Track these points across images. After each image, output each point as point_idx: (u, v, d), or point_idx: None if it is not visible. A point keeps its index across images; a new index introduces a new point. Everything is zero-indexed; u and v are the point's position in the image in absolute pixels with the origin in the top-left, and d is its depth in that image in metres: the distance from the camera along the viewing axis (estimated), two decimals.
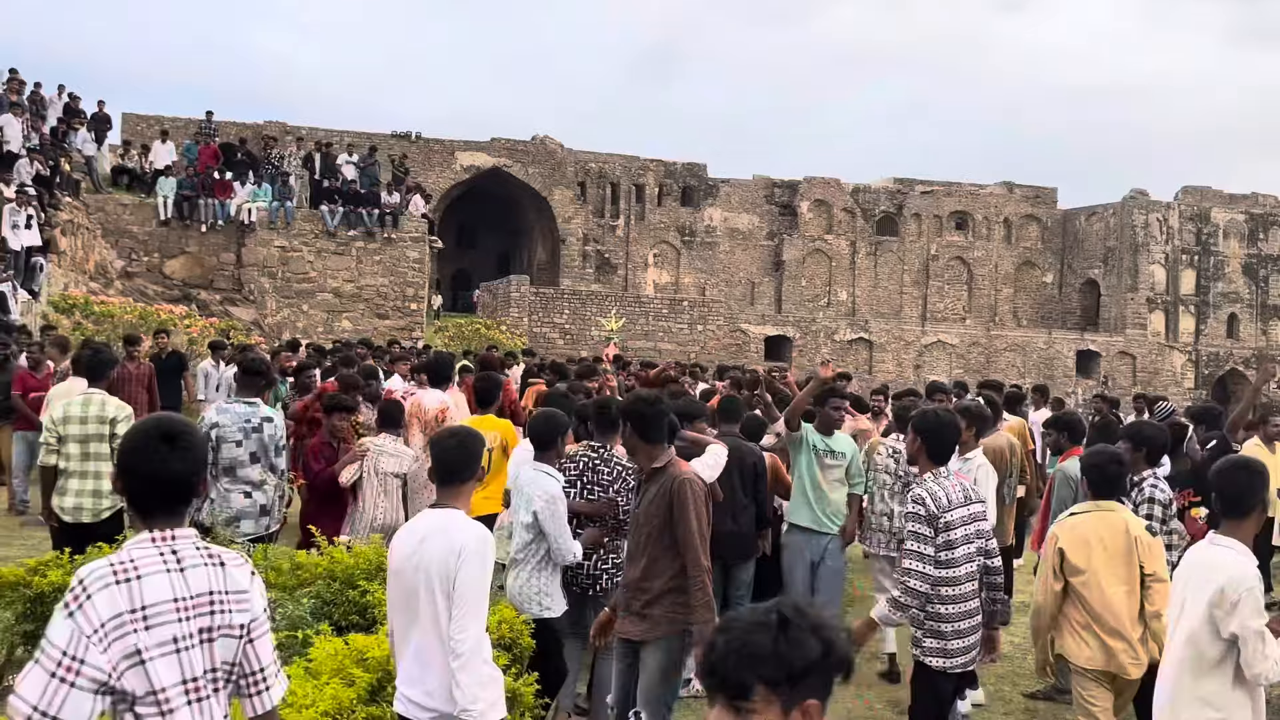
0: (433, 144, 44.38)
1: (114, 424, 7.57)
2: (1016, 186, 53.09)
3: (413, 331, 27.21)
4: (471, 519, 3.98)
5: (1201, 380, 47.82)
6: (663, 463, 4.98)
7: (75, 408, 7.48)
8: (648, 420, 4.99)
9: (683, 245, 48.90)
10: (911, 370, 43.37)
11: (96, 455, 7.51)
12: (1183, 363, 48.17)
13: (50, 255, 19.51)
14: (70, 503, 7.53)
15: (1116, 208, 50.03)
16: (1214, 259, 49.53)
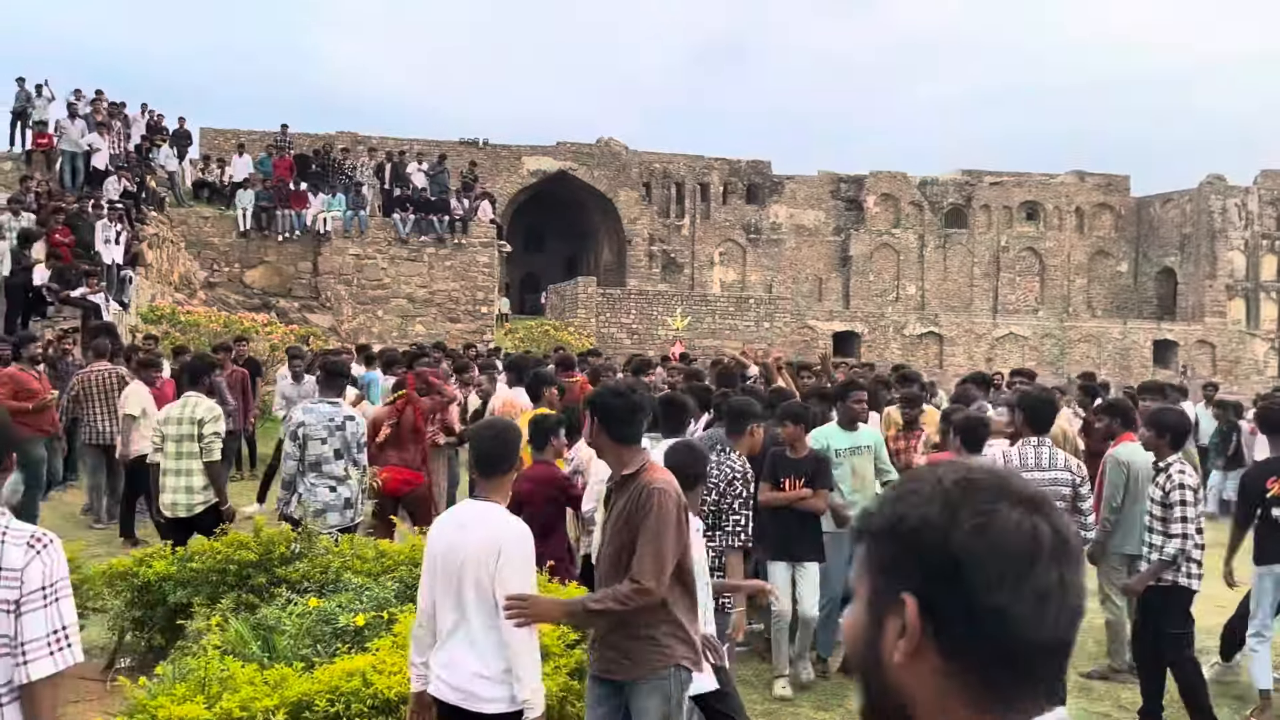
0: (500, 150, 45.07)
1: (202, 425, 8.14)
2: (1088, 175, 52.32)
3: (484, 334, 27.82)
4: (509, 513, 4.09)
5: None
6: (634, 468, 4.14)
7: (174, 410, 8.09)
8: (618, 415, 4.18)
9: (748, 243, 49.02)
10: (984, 363, 42.99)
11: (188, 454, 8.12)
12: (1265, 351, 47.06)
13: (138, 268, 20.39)
14: (167, 499, 8.15)
15: (1193, 194, 49.07)
16: None
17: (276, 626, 5.72)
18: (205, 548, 7.02)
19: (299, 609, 5.87)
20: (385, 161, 31.42)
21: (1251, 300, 47.87)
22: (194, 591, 6.78)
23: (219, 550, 6.92)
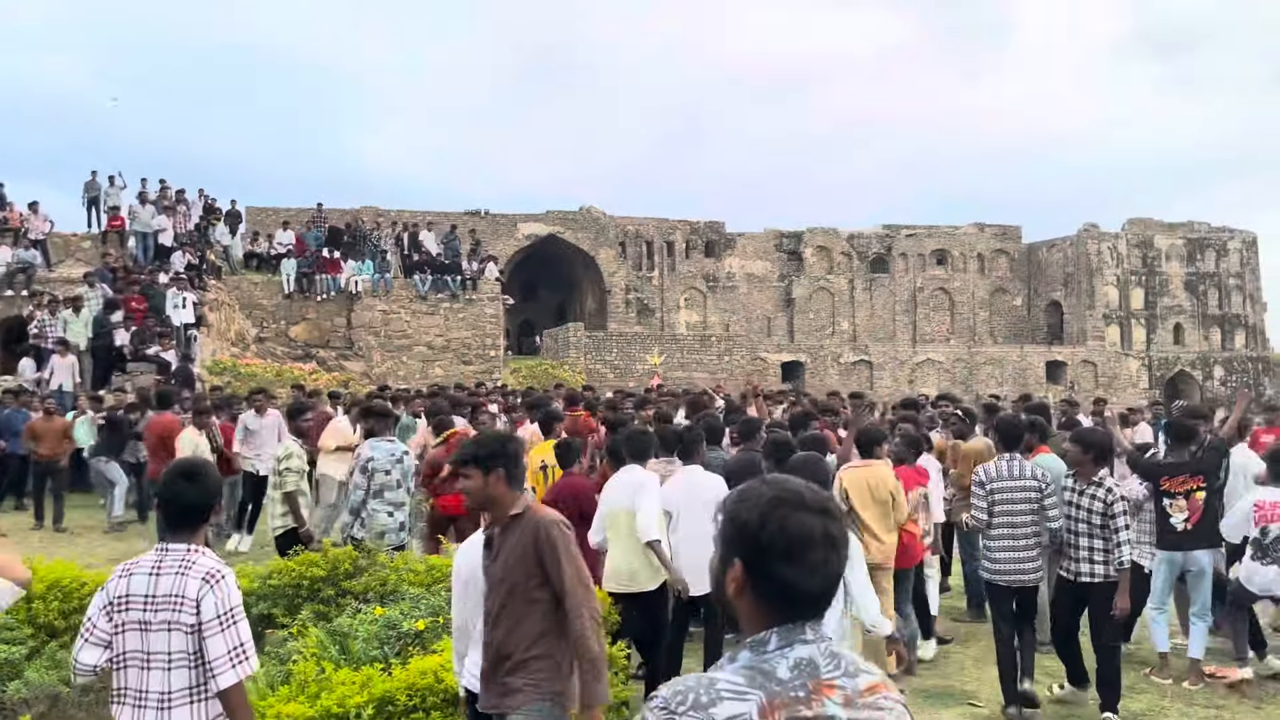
0: (499, 218, 45.21)
1: (280, 461, 8.19)
2: (987, 226, 52.99)
3: (492, 373, 27.81)
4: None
5: (1154, 381, 47.34)
6: (521, 508, 3.65)
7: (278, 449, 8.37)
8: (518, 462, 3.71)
9: (708, 290, 49.28)
10: (906, 385, 43.33)
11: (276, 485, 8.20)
12: (1137, 367, 47.72)
13: (202, 328, 20.33)
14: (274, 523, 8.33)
15: (1073, 239, 49.83)
16: (1158, 278, 49.15)
17: (349, 633, 5.72)
18: (282, 566, 7.02)
19: (367, 617, 5.88)
20: (403, 231, 31.49)
21: (1124, 326, 48.56)
22: (274, 604, 6.77)
23: (293, 568, 6.92)
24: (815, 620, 1.74)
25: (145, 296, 18.40)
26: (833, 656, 1.74)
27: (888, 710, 1.75)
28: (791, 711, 1.65)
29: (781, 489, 1.77)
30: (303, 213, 35.71)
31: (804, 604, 1.73)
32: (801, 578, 1.71)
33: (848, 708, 1.69)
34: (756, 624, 1.74)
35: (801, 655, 1.70)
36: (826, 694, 1.69)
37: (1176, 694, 6.76)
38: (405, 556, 7.13)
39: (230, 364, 19.38)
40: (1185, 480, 6.99)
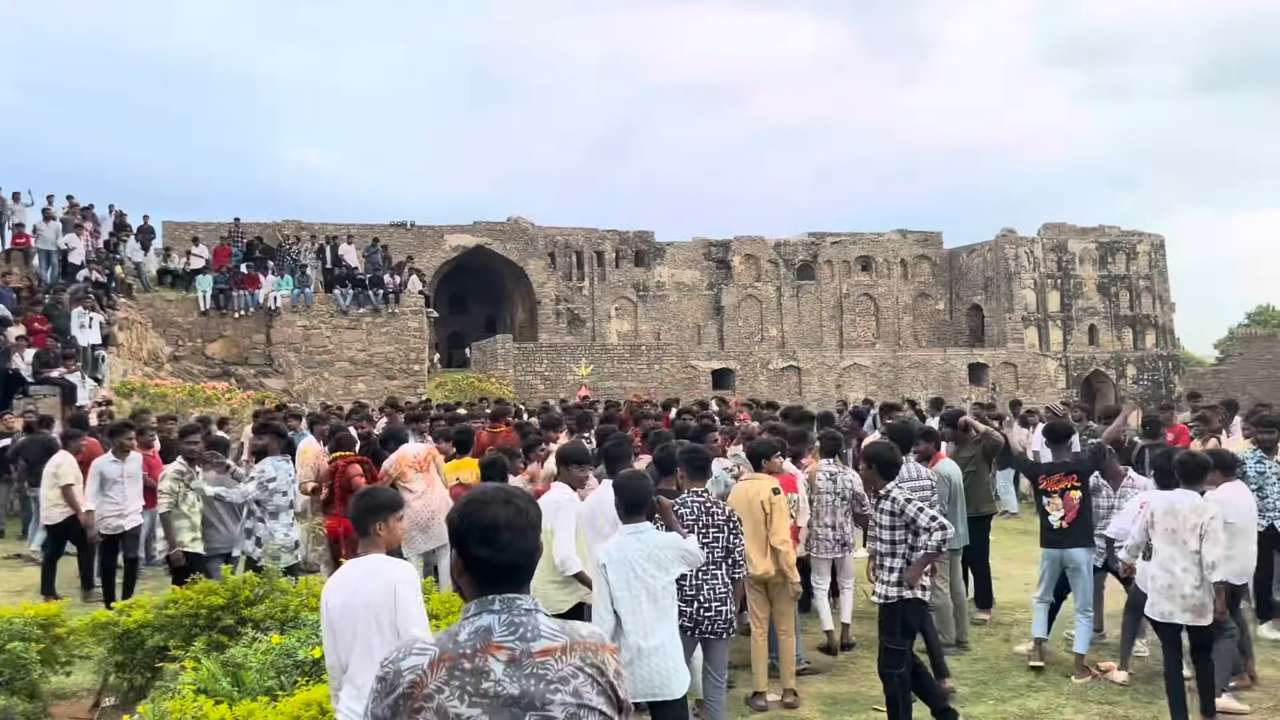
0: (425, 229, 44.73)
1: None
2: (909, 232, 54.13)
3: (417, 388, 27.46)
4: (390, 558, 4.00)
5: (1071, 381, 48.82)
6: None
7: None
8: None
9: (638, 299, 49.42)
10: (834, 389, 43.97)
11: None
12: (1055, 368, 49.16)
13: (110, 348, 19.68)
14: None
15: (992, 244, 51.16)
16: (1073, 281, 50.72)
17: (244, 663, 5.58)
18: (179, 595, 6.83)
19: (263, 645, 5.75)
20: (325, 244, 30.95)
21: (1042, 328, 49.99)
22: (169, 635, 6.57)
23: (190, 597, 6.74)
24: (512, 592, 2.10)
25: (48, 317, 17.75)
26: (514, 625, 2.05)
27: (555, 671, 2.02)
28: (454, 664, 2.00)
29: (480, 491, 2.23)
30: (220, 227, 34.87)
31: (499, 578, 2.11)
32: (494, 555, 2.09)
33: (511, 665, 2.01)
34: (469, 598, 2.15)
35: (483, 622, 2.06)
36: (494, 653, 2.02)
37: (1072, 691, 6.96)
38: (306, 581, 6.99)
39: (140, 385, 18.81)
40: (1060, 479, 7.19)
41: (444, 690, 1.98)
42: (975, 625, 8.62)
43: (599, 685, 2.06)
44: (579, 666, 2.04)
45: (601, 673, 2.07)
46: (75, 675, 7.02)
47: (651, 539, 4.78)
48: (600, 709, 2.05)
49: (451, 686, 1.98)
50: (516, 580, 2.12)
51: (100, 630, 6.76)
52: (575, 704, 2.02)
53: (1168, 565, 6.01)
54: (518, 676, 2.00)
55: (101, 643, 6.78)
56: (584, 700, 2.03)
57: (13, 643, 6.26)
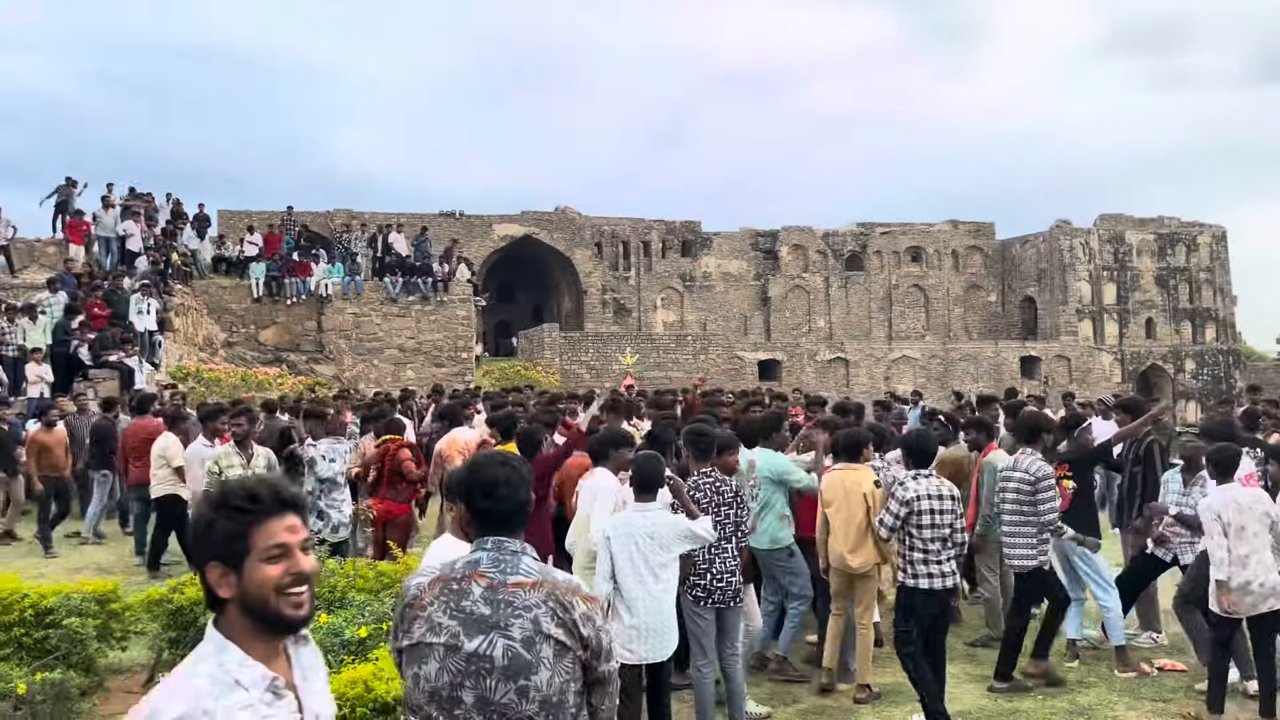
0: (474, 219, 45.05)
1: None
2: (961, 223, 53.30)
3: (464, 375, 27.70)
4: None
5: (1126, 375, 47.78)
6: None
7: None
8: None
9: (685, 289, 49.31)
10: (882, 381, 43.52)
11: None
12: (1110, 362, 48.13)
13: (167, 333, 20.12)
14: None
15: (1046, 235, 50.20)
16: (1130, 273, 49.58)
17: None
18: None
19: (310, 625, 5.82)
20: (376, 234, 31.30)
21: (1097, 321, 48.95)
22: None
23: None
24: (505, 536, 2.57)
25: (108, 302, 18.18)
26: (498, 560, 2.53)
27: (521, 600, 2.46)
28: (446, 585, 2.49)
29: (482, 455, 2.78)
30: (273, 216, 35.44)
31: (496, 523, 2.59)
32: (493, 505, 2.58)
33: (488, 590, 2.47)
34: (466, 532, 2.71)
35: (475, 557, 2.56)
36: (476, 579, 2.50)
37: (1124, 687, 6.80)
38: (354, 563, 7.08)
39: (195, 369, 19.21)
40: (1056, 469, 7.07)
41: (434, 604, 2.49)
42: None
43: (559, 619, 2.46)
44: (543, 600, 2.46)
45: (566, 610, 2.47)
46: (130, 651, 7.18)
47: (656, 518, 5.12)
48: (557, 638, 2.45)
49: (440, 602, 2.49)
50: (510, 526, 2.60)
51: (154, 607, 6.90)
52: (533, 630, 2.44)
53: (1245, 560, 5.87)
54: (490, 600, 2.47)
55: (156, 619, 6.92)
56: (541, 628, 2.44)
57: (70, 618, 6.42)
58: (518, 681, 2.42)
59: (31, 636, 6.34)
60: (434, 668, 2.46)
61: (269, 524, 1.98)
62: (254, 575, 1.96)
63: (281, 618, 1.99)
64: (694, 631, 5.65)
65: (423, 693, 2.47)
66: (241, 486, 2.01)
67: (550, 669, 2.44)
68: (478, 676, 2.42)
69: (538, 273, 48.57)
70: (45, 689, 5.72)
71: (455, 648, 2.44)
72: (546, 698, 2.44)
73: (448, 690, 2.44)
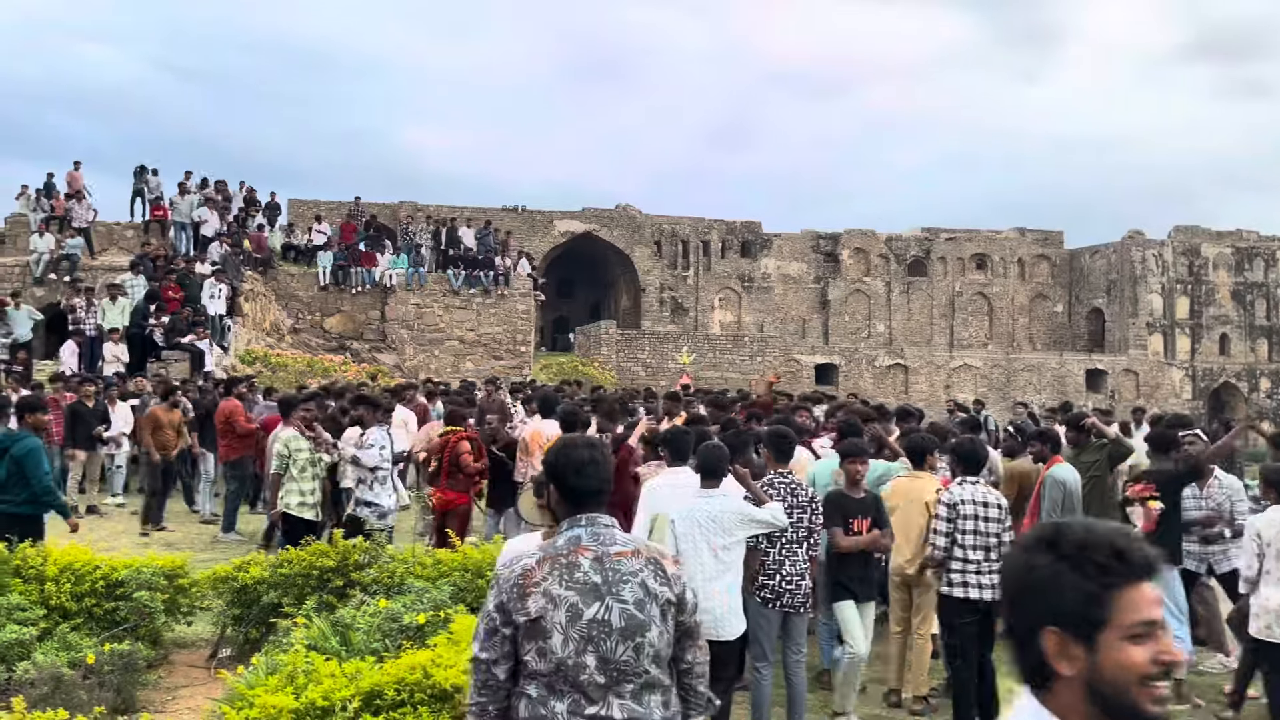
0: (535, 214, 45.34)
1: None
2: (1028, 230, 52.22)
3: (522, 369, 27.90)
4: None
5: (1197, 392, 46.35)
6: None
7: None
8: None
9: (743, 290, 49.06)
10: (942, 389, 42.82)
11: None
12: (1180, 378, 46.74)
13: (236, 318, 20.59)
14: None
15: (1117, 246, 48.93)
16: (1205, 287, 48.10)
17: (352, 624, 5.72)
18: (293, 556, 7.06)
19: (370, 609, 5.88)
20: (440, 226, 31.68)
21: (1168, 335, 47.60)
22: (283, 592, 6.80)
23: (304, 558, 6.96)
24: (594, 512, 2.78)
25: (181, 286, 18.66)
26: (597, 535, 2.73)
27: (626, 567, 2.67)
28: (554, 560, 2.66)
29: (569, 438, 2.99)
30: (340, 206, 36.07)
31: (584, 501, 2.78)
32: (581, 483, 2.77)
33: (595, 563, 2.66)
34: (562, 518, 2.82)
35: (574, 533, 2.75)
36: (581, 554, 2.68)
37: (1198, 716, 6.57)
38: (413, 549, 7.14)
39: (263, 354, 19.62)
40: (1143, 488, 6.84)
41: (548, 579, 2.64)
42: None
43: (661, 577, 2.70)
44: (644, 565, 2.69)
45: (663, 570, 2.72)
46: (195, 625, 7.34)
47: (718, 504, 5.32)
48: (664, 597, 2.69)
49: (553, 576, 2.64)
50: (597, 502, 2.79)
51: (220, 584, 7.05)
52: (643, 592, 2.66)
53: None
54: (599, 570, 2.66)
55: (220, 596, 7.06)
56: (650, 589, 2.67)
57: (140, 591, 6.57)
58: (634, 640, 2.64)
59: (102, 607, 6.51)
60: (558, 639, 2.61)
61: (1135, 591, 1.54)
62: (1113, 656, 1.53)
63: (1139, 715, 1.54)
64: (756, 634, 5.58)
65: (548, 663, 2.63)
66: (1104, 538, 1.57)
67: (659, 626, 2.68)
68: (598, 640, 2.62)
69: (596, 269, 48.72)
70: (114, 659, 5.86)
71: (575, 616, 2.62)
72: (658, 652, 2.68)
73: (573, 658, 2.61)
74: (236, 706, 4.07)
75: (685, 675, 2.80)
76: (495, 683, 2.68)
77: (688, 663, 2.79)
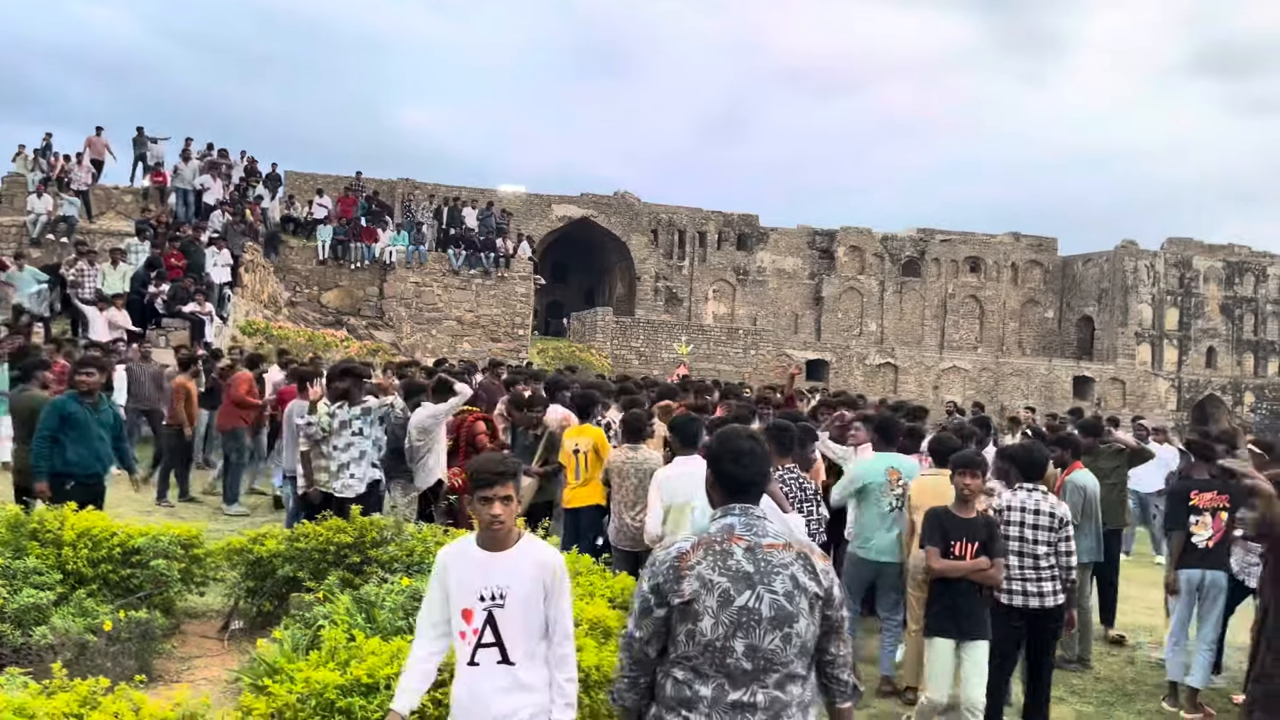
0: (533, 198, 45.16)
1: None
2: (1023, 236, 52.41)
3: (519, 352, 27.78)
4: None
5: (1182, 403, 46.71)
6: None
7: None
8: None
9: (737, 282, 49.06)
10: (931, 390, 42.99)
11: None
12: (1166, 388, 47.10)
13: (236, 288, 20.38)
14: None
15: (1110, 255, 49.16)
16: (1194, 299, 48.43)
17: (376, 602, 5.66)
18: (309, 530, 6.97)
19: (394, 587, 5.82)
20: (443, 205, 31.46)
21: (1156, 346, 47.92)
22: (299, 566, 6.72)
23: (320, 533, 6.88)
24: (749, 503, 2.82)
25: (185, 253, 18.44)
26: (750, 525, 2.77)
27: (777, 559, 2.71)
28: (709, 547, 2.72)
29: (731, 428, 3.02)
30: (340, 180, 35.77)
31: (741, 489, 2.83)
32: (739, 471, 2.83)
33: (748, 552, 2.71)
34: (717, 505, 2.88)
35: (728, 522, 2.79)
36: (735, 542, 2.73)
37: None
38: (433, 529, 7.08)
39: (264, 325, 19.44)
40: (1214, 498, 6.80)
41: (702, 563, 2.70)
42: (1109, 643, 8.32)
43: (810, 572, 2.74)
44: (795, 558, 2.73)
45: (812, 565, 2.75)
46: (208, 596, 7.26)
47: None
48: (812, 590, 2.72)
49: (707, 561, 2.70)
50: (752, 493, 2.84)
51: (235, 556, 6.96)
52: (792, 585, 2.70)
53: None
54: (752, 559, 2.70)
55: (235, 567, 6.98)
56: (799, 582, 2.71)
57: (157, 559, 6.48)
58: (782, 630, 2.68)
59: (118, 574, 6.42)
60: (708, 623, 2.65)
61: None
62: None
63: None
64: None
65: (697, 645, 2.67)
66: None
67: (807, 619, 2.71)
68: (748, 628, 2.66)
69: (592, 255, 48.58)
70: (131, 627, 5.78)
71: (727, 601, 2.66)
72: (804, 644, 2.72)
73: (721, 641, 2.66)
74: (278, 680, 4.01)
75: (829, 666, 2.84)
76: (646, 660, 2.78)
77: (831, 654, 2.84)
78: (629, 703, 2.83)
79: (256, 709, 3.76)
